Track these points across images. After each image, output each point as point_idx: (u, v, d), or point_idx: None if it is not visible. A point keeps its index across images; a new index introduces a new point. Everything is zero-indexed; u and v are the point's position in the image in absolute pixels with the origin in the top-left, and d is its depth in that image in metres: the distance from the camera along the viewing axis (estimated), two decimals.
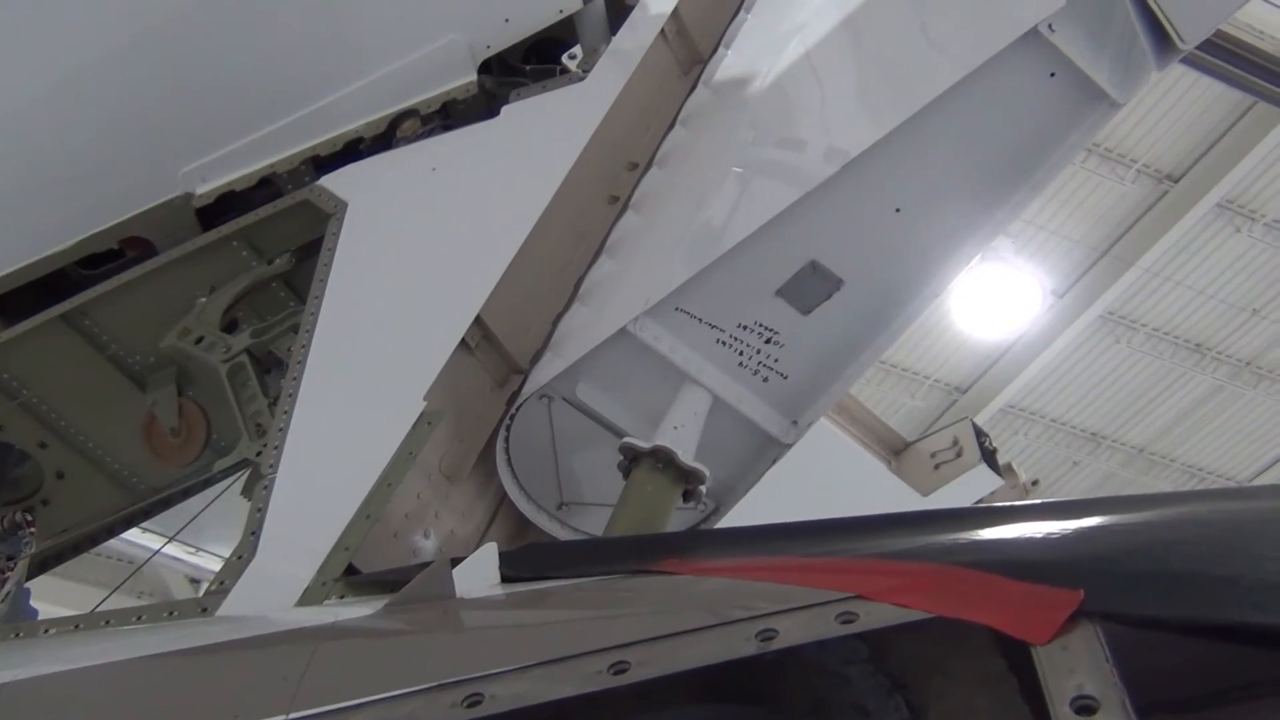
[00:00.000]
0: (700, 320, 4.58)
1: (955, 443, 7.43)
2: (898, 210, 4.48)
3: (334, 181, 4.95)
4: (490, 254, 4.39)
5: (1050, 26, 4.18)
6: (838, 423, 7.39)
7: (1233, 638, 1.75)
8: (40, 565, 5.48)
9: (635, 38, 5.13)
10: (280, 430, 3.98)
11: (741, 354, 4.64)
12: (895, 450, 7.83)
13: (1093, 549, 2.07)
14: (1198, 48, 4.77)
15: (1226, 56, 14.52)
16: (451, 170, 4.82)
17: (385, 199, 4.86)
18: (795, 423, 4.79)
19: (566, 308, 4.77)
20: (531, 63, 5.39)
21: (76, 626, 3.52)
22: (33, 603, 5.27)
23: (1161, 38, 4.32)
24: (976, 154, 4.45)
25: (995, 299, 18.10)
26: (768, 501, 4.88)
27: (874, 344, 4.72)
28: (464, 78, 5.11)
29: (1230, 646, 1.75)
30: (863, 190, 4.43)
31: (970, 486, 7.15)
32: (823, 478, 6.48)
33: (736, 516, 4.92)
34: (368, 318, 4.44)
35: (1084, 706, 1.65)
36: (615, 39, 5.09)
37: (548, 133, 4.83)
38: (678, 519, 4.45)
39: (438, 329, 4.28)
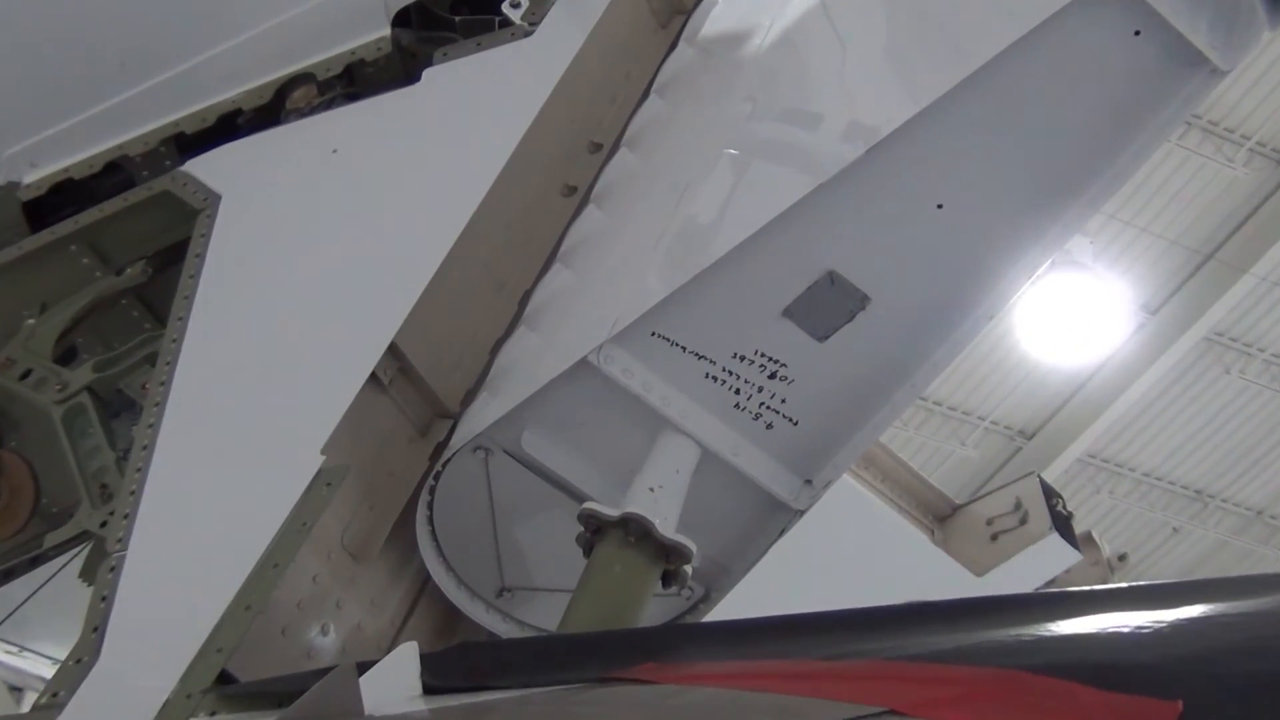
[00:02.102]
0: (684, 349, 4.60)
1: (1018, 506, 7.45)
2: (940, 206, 4.52)
3: (203, 167, 4.94)
4: (409, 263, 4.40)
5: None
6: (865, 481, 7.41)
7: None
8: None
9: None
10: (132, 493, 3.97)
11: (738, 393, 4.65)
12: (940, 516, 7.86)
13: (1195, 647, 2.09)
14: None
15: None
16: (358, 152, 4.82)
17: (270, 190, 4.86)
18: (809, 482, 4.81)
19: (509, 333, 4.78)
20: (463, 13, 5.41)
21: None
22: None
23: None
24: (1042, 134, 4.49)
25: (1069, 318, 18.20)
26: (773, 585, 4.89)
27: (910, 379, 4.74)
28: (374, 32, 5.13)
29: None
30: (895, 180, 4.46)
31: (1038, 563, 7.17)
32: (845, 553, 6.49)
33: (733, 605, 4.93)
34: (247, 345, 4.44)
35: None
36: None
37: (484, 104, 4.85)
38: (656, 609, 4.45)
39: (340, 360, 4.28)
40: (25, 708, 3.96)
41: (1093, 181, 4.55)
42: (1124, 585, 2.59)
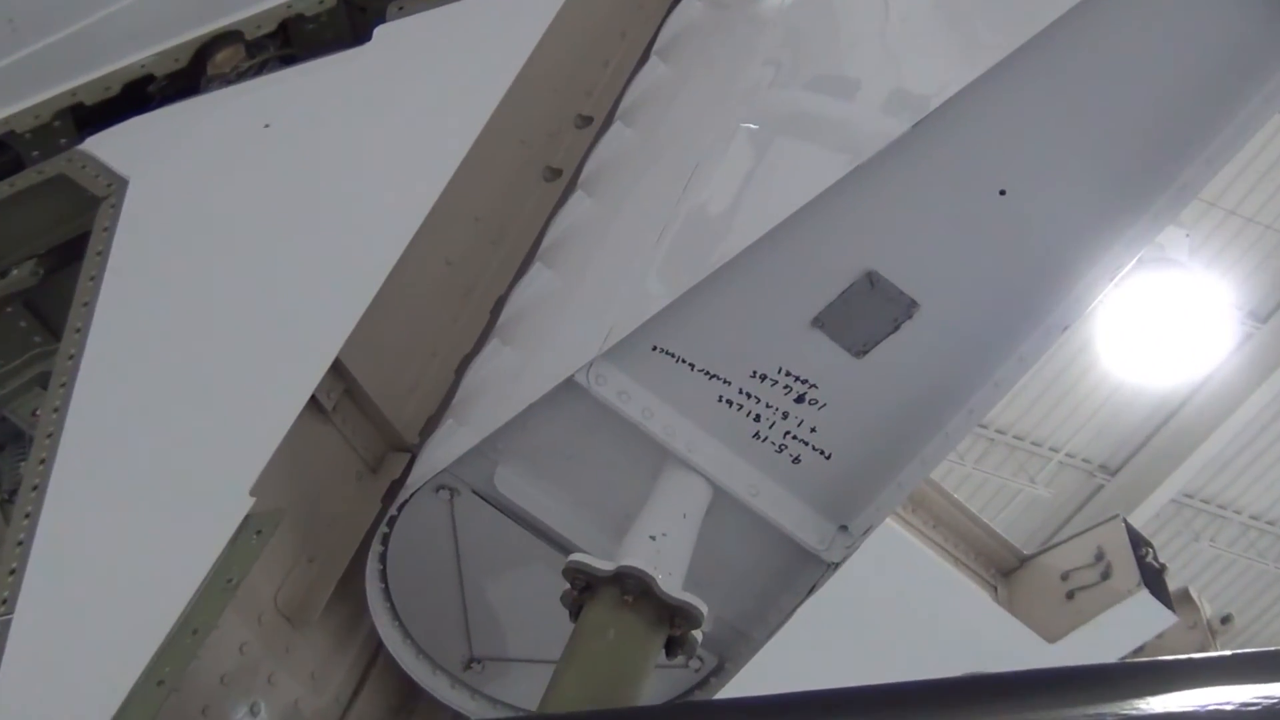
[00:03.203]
0: (692, 366, 4.61)
1: (1100, 556, 7.48)
2: (1002, 193, 4.53)
3: (107, 146, 4.97)
4: (357, 263, 4.41)
5: None
6: (913, 527, 7.43)
7: None
8: None
9: None
10: (19, 544, 3.98)
11: (759, 420, 4.67)
12: (1005, 570, 7.88)
13: None
14: None
15: None
16: (295, 128, 4.84)
17: (188, 174, 4.88)
18: (844, 528, 4.81)
19: (478, 347, 4.79)
20: None
21: None
22: None
23: None
24: (1127, 105, 4.51)
25: (1161, 327, 18.19)
26: (802, 654, 4.89)
27: (967, 403, 4.74)
28: None
29: None
30: (948, 161, 4.48)
31: (1124, 627, 7.19)
32: (890, 615, 6.49)
33: (753, 679, 4.93)
34: (160, 363, 4.44)
35: None
36: None
37: (449, 69, 4.87)
38: (659, 683, 4.45)
39: (273, 382, 4.29)
40: None
41: (1188, 162, 4.56)
42: (1228, 653, 2.60)
